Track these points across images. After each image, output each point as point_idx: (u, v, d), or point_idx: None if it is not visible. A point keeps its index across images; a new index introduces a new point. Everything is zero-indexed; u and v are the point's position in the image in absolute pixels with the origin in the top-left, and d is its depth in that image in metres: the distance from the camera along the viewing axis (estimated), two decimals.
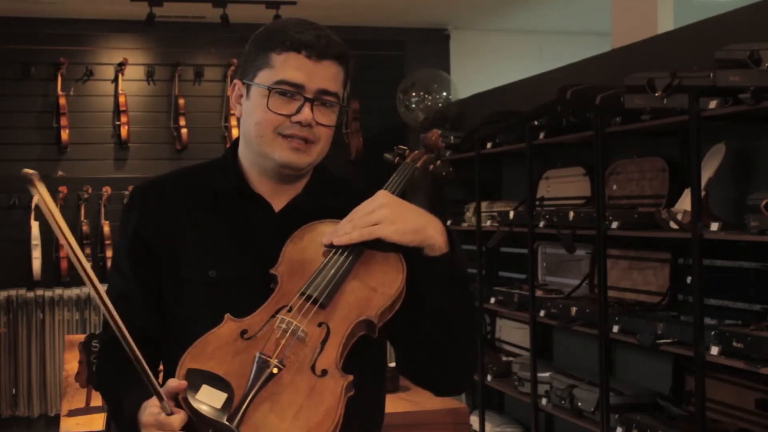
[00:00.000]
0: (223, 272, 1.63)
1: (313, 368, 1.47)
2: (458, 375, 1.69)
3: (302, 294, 1.54)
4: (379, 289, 1.56)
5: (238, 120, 1.72)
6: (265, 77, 1.62)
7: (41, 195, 1.30)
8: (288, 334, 1.49)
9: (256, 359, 1.46)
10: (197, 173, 1.75)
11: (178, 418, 1.42)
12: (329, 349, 1.49)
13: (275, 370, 1.45)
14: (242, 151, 1.71)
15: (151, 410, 1.46)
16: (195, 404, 1.41)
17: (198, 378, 1.44)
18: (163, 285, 1.67)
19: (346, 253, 1.57)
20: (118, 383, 1.62)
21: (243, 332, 1.51)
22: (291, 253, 1.61)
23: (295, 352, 1.48)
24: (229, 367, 1.46)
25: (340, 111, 1.67)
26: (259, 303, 1.60)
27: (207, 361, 1.47)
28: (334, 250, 1.58)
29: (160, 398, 1.43)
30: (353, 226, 1.57)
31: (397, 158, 1.81)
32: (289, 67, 1.60)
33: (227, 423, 1.39)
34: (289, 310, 1.52)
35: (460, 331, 1.63)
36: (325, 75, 1.62)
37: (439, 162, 1.80)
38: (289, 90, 1.60)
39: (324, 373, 1.46)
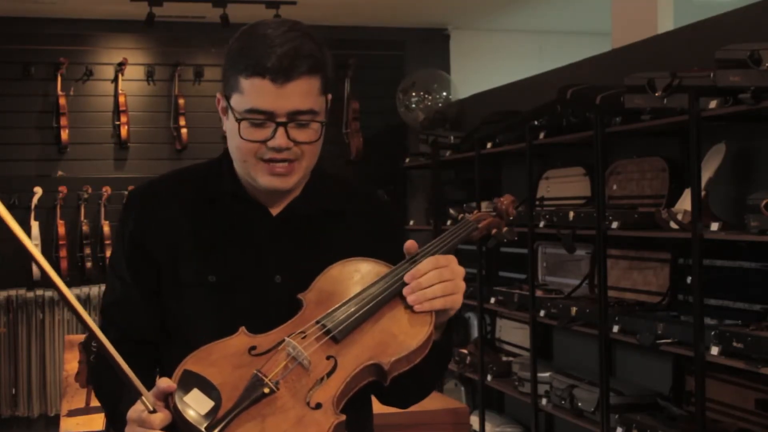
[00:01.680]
0: (222, 277, 1.62)
1: (308, 398, 1.44)
2: (409, 405, 1.75)
3: (318, 322, 1.51)
4: (399, 338, 1.52)
5: None
6: (236, 102, 1.57)
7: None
8: (290, 358, 1.47)
9: (253, 376, 1.44)
10: (194, 176, 1.73)
11: (160, 416, 1.41)
12: (331, 383, 1.46)
13: (266, 390, 1.43)
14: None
15: (136, 406, 1.44)
16: (180, 405, 1.40)
17: (192, 381, 1.43)
18: (161, 288, 1.66)
19: (377, 292, 1.54)
20: (115, 387, 1.60)
21: (251, 348, 1.50)
22: (323, 282, 1.58)
23: (295, 379, 1.46)
24: (226, 378, 1.45)
25: (324, 120, 1.62)
26: (258, 307, 1.60)
27: (208, 367, 1.46)
28: (366, 288, 1.55)
29: (139, 394, 1.41)
30: (436, 294, 1.55)
31: (462, 215, 1.75)
32: (255, 94, 1.54)
33: (203, 431, 1.38)
34: (303, 336, 1.50)
35: (429, 385, 1.71)
36: (295, 95, 1.55)
37: (505, 228, 1.75)
38: (258, 118, 1.55)
39: (318, 406, 1.44)
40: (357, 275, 1.58)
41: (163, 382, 1.43)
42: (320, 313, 1.53)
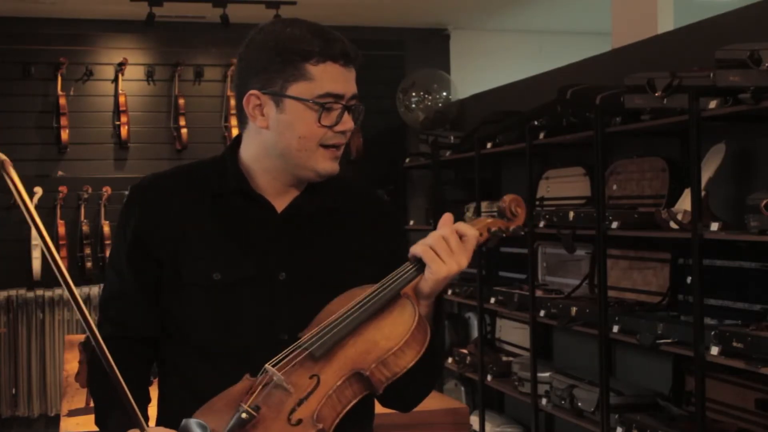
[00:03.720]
0: (227, 275, 1.62)
1: (289, 417, 1.47)
2: (410, 404, 1.73)
3: (301, 344, 1.53)
4: (380, 343, 1.52)
5: (240, 125, 1.69)
6: (302, 90, 1.59)
7: (15, 183, 1.32)
8: (271, 385, 1.50)
9: (238, 408, 1.49)
10: (196, 172, 1.72)
11: None
12: (312, 399, 1.48)
13: (244, 415, 1.46)
14: (253, 156, 1.67)
15: None
16: None
17: (189, 427, 1.48)
18: (162, 286, 1.65)
19: (359, 310, 1.54)
20: (108, 396, 1.61)
21: (250, 389, 1.52)
22: (322, 316, 1.59)
23: (279, 402, 1.49)
24: (222, 418, 1.49)
25: None
26: (261, 305, 1.60)
27: (209, 415, 1.51)
28: (350, 307, 1.56)
29: (142, 429, 1.46)
30: (426, 242, 1.55)
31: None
32: (329, 78, 1.59)
33: None
34: (290, 364, 1.52)
35: (421, 382, 1.66)
36: (353, 80, 1.64)
37: (513, 227, 1.69)
38: (331, 102, 1.59)
39: (298, 422, 1.47)
40: (351, 302, 1.58)
41: None
42: None
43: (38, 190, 6.67)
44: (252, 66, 1.62)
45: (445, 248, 1.54)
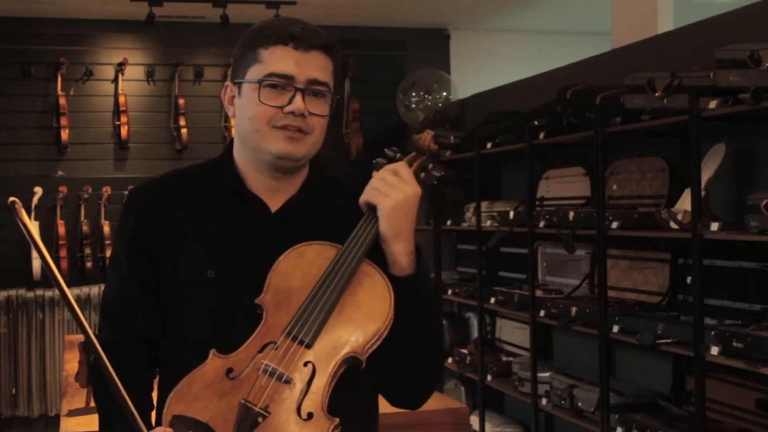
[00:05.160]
0: (221, 273, 1.63)
1: (298, 411, 1.46)
2: (414, 392, 1.73)
3: (288, 334, 1.52)
4: (366, 324, 1.54)
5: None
6: (254, 73, 1.63)
7: (23, 221, 1.33)
8: (273, 380, 1.48)
9: (241, 406, 1.45)
10: (193, 174, 1.74)
11: None
12: (315, 389, 1.48)
13: (260, 420, 1.44)
14: (238, 151, 1.71)
15: None
16: None
17: (183, 426, 1.45)
18: (161, 286, 1.66)
19: (333, 284, 1.55)
20: (113, 406, 1.59)
21: (228, 371, 1.50)
22: (277, 280, 1.58)
23: (283, 397, 1.47)
24: (214, 411, 1.46)
25: (333, 103, 1.68)
26: (255, 304, 1.60)
27: (192, 403, 1.47)
28: (321, 280, 1.56)
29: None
30: (372, 185, 1.64)
31: (388, 163, 1.73)
32: (277, 59, 1.61)
33: None
34: (275, 348, 1.50)
35: (418, 353, 1.66)
36: (314, 65, 1.63)
37: (431, 166, 1.73)
38: (279, 82, 1.61)
39: (310, 416, 1.46)
40: (306, 264, 1.59)
41: (159, 431, 1.46)
42: (283, 316, 1.54)
43: (38, 190, 6.67)
44: (233, 61, 1.70)
45: (384, 184, 1.63)
